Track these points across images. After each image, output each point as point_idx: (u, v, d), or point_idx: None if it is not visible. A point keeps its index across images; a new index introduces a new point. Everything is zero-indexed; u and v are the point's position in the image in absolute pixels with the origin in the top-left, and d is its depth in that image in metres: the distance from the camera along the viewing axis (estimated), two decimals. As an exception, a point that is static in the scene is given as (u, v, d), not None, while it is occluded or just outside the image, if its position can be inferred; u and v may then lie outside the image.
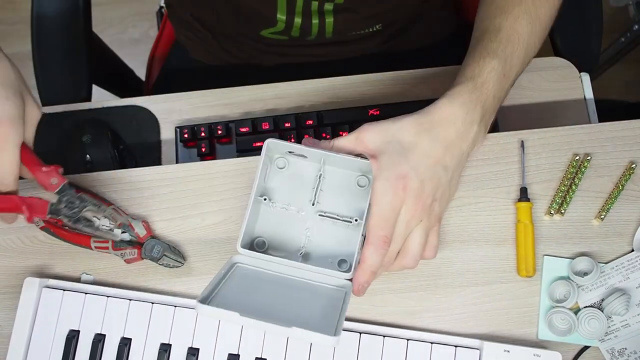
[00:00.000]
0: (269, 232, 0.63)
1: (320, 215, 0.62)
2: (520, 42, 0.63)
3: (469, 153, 0.62)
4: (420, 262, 0.65)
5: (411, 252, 0.58)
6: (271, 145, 0.60)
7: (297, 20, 0.79)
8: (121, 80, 1.13)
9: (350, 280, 0.57)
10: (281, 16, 0.78)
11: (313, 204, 0.63)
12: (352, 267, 0.58)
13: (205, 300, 0.53)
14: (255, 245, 0.62)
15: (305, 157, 0.62)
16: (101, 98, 0.80)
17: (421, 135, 0.58)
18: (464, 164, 0.62)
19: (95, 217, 0.65)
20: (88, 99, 0.86)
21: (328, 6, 0.77)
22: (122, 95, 1.11)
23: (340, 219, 0.62)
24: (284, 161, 0.63)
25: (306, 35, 0.82)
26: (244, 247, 0.58)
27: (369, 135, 0.59)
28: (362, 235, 0.58)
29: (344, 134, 0.64)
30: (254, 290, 0.58)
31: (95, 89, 0.93)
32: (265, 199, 0.62)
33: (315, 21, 0.80)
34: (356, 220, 0.62)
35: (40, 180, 0.61)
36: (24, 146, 0.59)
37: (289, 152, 0.62)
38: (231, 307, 0.51)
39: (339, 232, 0.63)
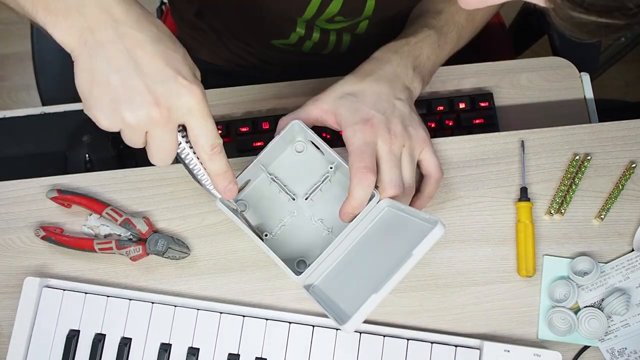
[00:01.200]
0: (293, 250, 0.63)
1: (306, 199, 0.64)
2: (456, 28, 0.69)
3: (412, 97, 0.65)
4: (420, 262, 0.65)
5: (406, 176, 0.60)
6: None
7: (316, 35, 0.79)
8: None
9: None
10: (300, 30, 0.78)
11: (293, 199, 0.64)
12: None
13: (342, 321, 0.52)
14: (297, 266, 0.63)
15: (249, 179, 0.64)
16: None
17: (365, 81, 0.62)
18: (414, 98, 0.65)
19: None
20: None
21: (346, 36, 0.79)
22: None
23: (319, 183, 0.64)
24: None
25: (319, 50, 0.82)
26: (298, 274, 0.58)
27: (322, 101, 0.62)
28: (345, 165, 0.60)
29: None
30: (348, 280, 0.58)
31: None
32: (268, 237, 0.63)
33: (332, 38, 0.80)
34: (330, 167, 0.63)
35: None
36: None
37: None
38: (361, 300, 0.50)
39: (331, 191, 0.64)
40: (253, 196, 0.65)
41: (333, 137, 0.71)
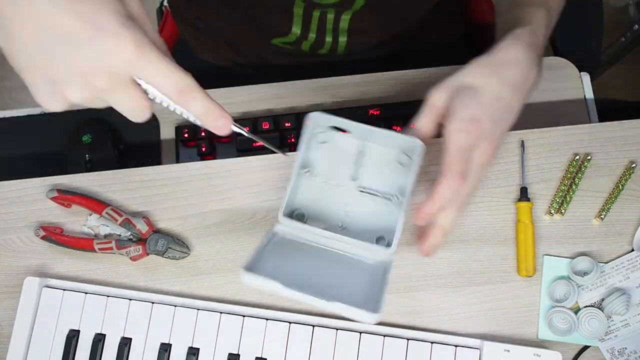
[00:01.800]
0: (308, 205, 0.62)
1: (360, 190, 0.62)
2: None
3: (530, 95, 0.61)
4: (420, 262, 0.65)
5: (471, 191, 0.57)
6: (315, 118, 0.59)
7: (312, 35, 0.79)
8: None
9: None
10: (296, 30, 0.78)
11: (353, 179, 0.62)
12: (393, 244, 0.57)
13: (250, 268, 0.52)
14: (295, 217, 0.62)
15: (350, 132, 0.61)
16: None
17: (490, 77, 0.57)
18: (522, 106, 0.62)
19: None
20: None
21: (343, 23, 0.77)
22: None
23: (380, 195, 0.62)
24: (326, 135, 0.63)
25: (316, 51, 0.82)
26: (285, 214, 0.58)
27: (435, 95, 0.58)
28: (404, 211, 0.58)
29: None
30: (294, 261, 0.57)
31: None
32: (307, 171, 0.62)
33: (328, 39, 0.80)
34: (397, 197, 0.61)
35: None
36: None
37: (332, 127, 0.61)
38: (273, 277, 0.51)
39: (378, 209, 0.62)
40: (339, 142, 0.63)
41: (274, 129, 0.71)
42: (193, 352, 0.63)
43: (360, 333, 0.62)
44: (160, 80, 0.45)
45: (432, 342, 0.62)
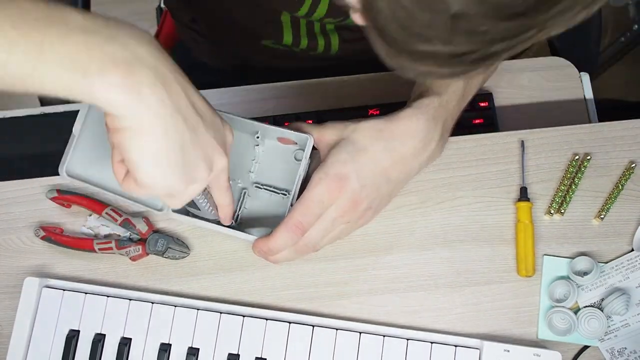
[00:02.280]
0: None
1: (256, 186, 0.64)
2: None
3: (421, 169, 0.62)
4: (419, 262, 0.65)
5: (313, 241, 0.59)
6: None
7: (304, 41, 0.79)
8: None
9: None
10: (287, 38, 0.78)
11: (250, 174, 0.64)
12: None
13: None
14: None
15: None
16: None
17: (376, 142, 0.58)
18: (410, 179, 0.63)
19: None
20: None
21: (330, 26, 0.77)
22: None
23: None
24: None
25: (311, 51, 0.82)
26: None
27: (329, 131, 0.60)
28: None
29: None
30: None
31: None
32: None
33: (321, 42, 0.80)
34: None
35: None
36: None
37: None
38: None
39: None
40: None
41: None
42: (193, 352, 0.63)
43: (360, 333, 0.62)
44: (225, 175, 0.52)
45: (431, 342, 0.62)
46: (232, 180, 0.64)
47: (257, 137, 0.64)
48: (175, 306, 0.64)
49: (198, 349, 0.63)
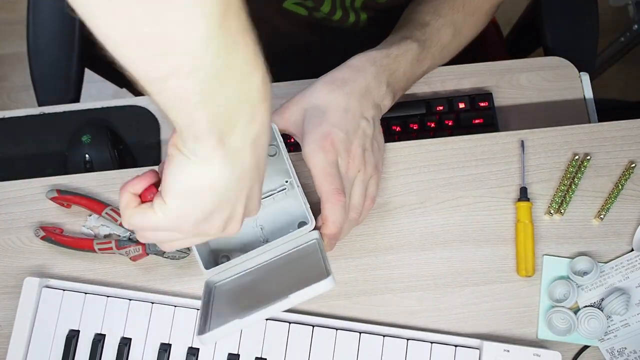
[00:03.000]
0: (223, 245, 0.63)
1: None
2: (440, 43, 0.66)
3: (380, 114, 0.63)
4: (419, 262, 0.65)
5: (354, 203, 0.59)
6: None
7: (338, 12, 0.77)
8: (121, 69, 1.13)
9: (316, 228, 0.59)
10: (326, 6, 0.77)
11: None
12: (309, 218, 0.58)
13: (202, 331, 0.52)
14: (220, 261, 0.62)
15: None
16: (101, 98, 0.80)
17: (334, 93, 0.59)
18: (382, 113, 0.64)
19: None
20: (76, 99, 0.86)
21: (357, 3, 0.77)
22: (121, 85, 1.10)
23: (275, 192, 0.63)
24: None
25: (331, 16, 0.80)
26: (207, 267, 0.58)
27: (288, 112, 0.61)
28: (298, 187, 0.59)
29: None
30: (241, 294, 0.58)
31: (96, 88, 0.93)
32: None
33: (352, 18, 0.79)
34: (286, 182, 0.63)
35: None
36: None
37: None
38: (228, 320, 0.51)
39: (282, 203, 0.63)
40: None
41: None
42: (193, 352, 0.63)
43: (360, 333, 0.62)
44: None
45: (431, 342, 0.62)
46: None
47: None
48: (175, 306, 0.64)
49: (198, 349, 0.63)
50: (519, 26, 1.03)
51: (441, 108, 0.73)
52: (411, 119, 0.73)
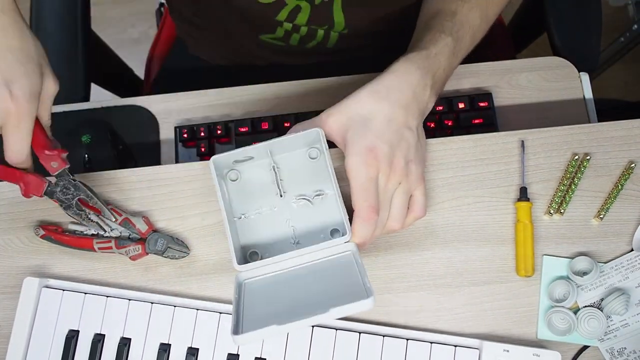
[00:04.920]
0: (255, 241, 0.63)
1: (292, 202, 0.63)
2: (471, 30, 0.66)
3: (428, 110, 0.63)
4: (419, 262, 0.65)
5: (394, 214, 0.60)
6: (217, 162, 0.61)
7: (303, 29, 0.79)
8: (120, 79, 1.14)
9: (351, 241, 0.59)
10: (287, 25, 0.78)
11: (281, 196, 0.63)
12: (347, 229, 0.58)
13: (237, 330, 0.52)
14: (249, 257, 0.62)
15: (253, 157, 0.63)
16: (101, 98, 0.80)
17: (380, 103, 0.59)
18: (424, 116, 0.63)
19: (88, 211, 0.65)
20: (86, 98, 0.86)
21: (334, 34, 0.78)
22: (121, 94, 1.11)
23: (313, 196, 0.63)
24: (235, 173, 0.64)
25: (306, 44, 0.82)
26: (240, 263, 0.58)
27: (332, 119, 0.60)
28: (338, 196, 0.59)
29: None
30: (273, 297, 0.57)
31: (95, 88, 0.93)
32: (240, 217, 0.63)
33: (320, 33, 0.80)
34: (322, 191, 0.63)
35: (42, 161, 0.62)
36: (36, 124, 0.60)
37: (235, 161, 0.63)
38: (264, 323, 0.50)
39: (318, 208, 0.63)
40: (248, 174, 0.64)
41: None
42: (192, 352, 0.63)
43: (360, 333, 0.62)
44: None
45: (431, 342, 0.62)
46: (271, 209, 0.63)
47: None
48: (175, 306, 0.64)
49: (198, 349, 0.63)
50: (521, 13, 1.03)
51: (441, 108, 0.73)
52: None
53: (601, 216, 0.66)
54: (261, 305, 0.56)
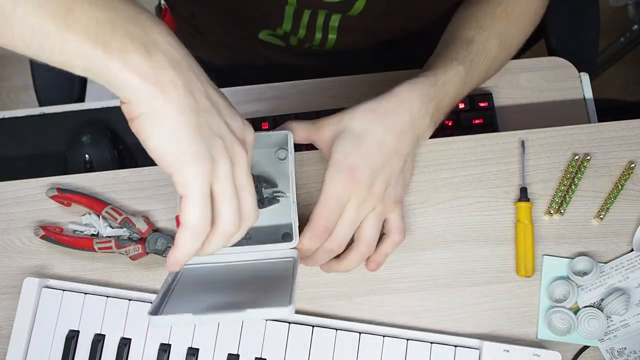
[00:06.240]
0: None
1: None
2: (487, 59, 0.65)
3: (424, 140, 0.62)
4: (419, 262, 0.65)
5: (365, 239, 0.59)
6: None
7: (302, 32, 0.79)
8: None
9: (296, 248, 0.58)
10: (286, 26, 0.78)
11: None
12: (294, 236, 0.58)
13: (156, 311, 0.51)
14: None
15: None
16: (101, 98, 0.80)
17: (375, 124, 0.58)
18: (418, 147, 0.63)
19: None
20: (82, 99, 0.86)
21: (333, 23, 0.77)
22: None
23: (270, 195, 0.62)
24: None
25: (304, 45, 0.82)
26: None
27: (324, 129, 0.60)
28: (293, 202, 0.59)
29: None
30: (204, 288, 0.57)
31: (95, 88, 0.93)
32: None
33: (318, 36, 0.80)
34: (282, 193, 0.62)
35: None
36: None
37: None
38: (184, 311, 0.50)
39: (275, 208, 0.63)
40: None
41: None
42: (192, 352, 0.63)
43: (360, 333, 0.62)
44: None
45: (431, 342, 0.62)
46: None
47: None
48: (175, 306, 0.64)
49: (198, 349, 0.63)
50: None
51: (441, 108, 0.73)
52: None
53: (601, 216, 0.66)
54: (188, 294, 0.55)
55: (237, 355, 0.62)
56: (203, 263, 0.59)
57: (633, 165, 0.67)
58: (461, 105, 0.73)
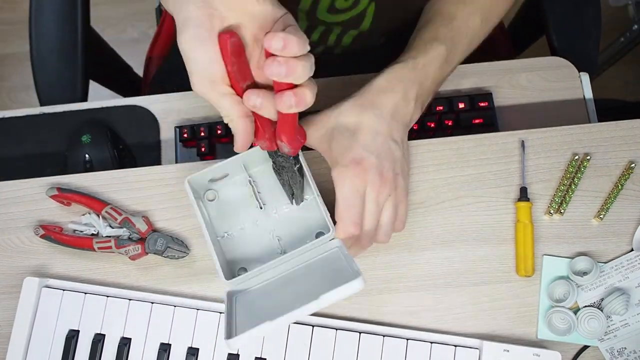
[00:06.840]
0: (242, 257, 0.63)
1: (274, 213, 0.63)
2: (468, 35, 0.65)
3: (412, 123, 0.63)
4: (419, 263, 0.65)
5: (383, 228, 0.59)
6: (193, 181, 0.60)
7: (315, 35, 0.78)
8: (120, 77, 1.13)
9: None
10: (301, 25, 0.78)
11: (261, 208, 0.63)
12: (330, 228, 0.58)
13: (230, 335, 0.52)
14: (237, 274, 0.62)
15: (228, 174, 0.62)
16: (101, 97, 0.80)
17: (364, 115, 0.59)
18: (407, 131, 0.63)
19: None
20: (84, 98, 0.86)
21: (347, 39, 0.77)
22: (122, 93, 1.11)
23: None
24: (213, 192, 0.64)
25: (315, 47, 0.82)
26: (227, 278, 0.58)
27: (313, 127, 0.60)
28: (318, 197, 0.59)
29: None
30: (265, 304, 0.57)
31: (95, 88, 0.93)
32: (224, 236, 0.63)
33: (332, 38, 0.80)
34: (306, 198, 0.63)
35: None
36: None
37: (211, 180, 0.62)
38: (256, 324, 0.50)
39: (300, 214, 0.63)
40: (225, 192, 0.64)
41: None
42: (192, 352, 0.63)
43: (360, 333, 0.62)
44: None
45: (431, 342, 0.62)
46: (254, 223, 0.63)
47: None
48: (175, 306, 0.64)
49: (198, 349, 0.63)
50: (520, 16, 1.03)
51: (441, 108, 0.73)
52: None
53: (601, 216, 0.66)
54: (253, 312, 0.56)
55: (237, 355, 0.62)
56: (253, 286, 0.59)
57: (633, 165, 0.67)
58: (461, 105, 0.73)
